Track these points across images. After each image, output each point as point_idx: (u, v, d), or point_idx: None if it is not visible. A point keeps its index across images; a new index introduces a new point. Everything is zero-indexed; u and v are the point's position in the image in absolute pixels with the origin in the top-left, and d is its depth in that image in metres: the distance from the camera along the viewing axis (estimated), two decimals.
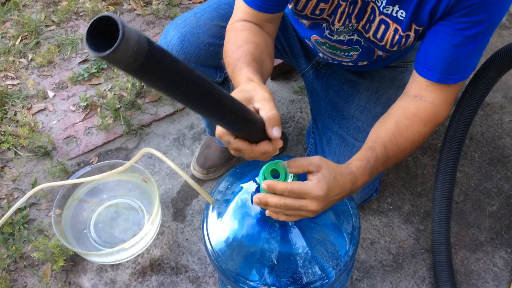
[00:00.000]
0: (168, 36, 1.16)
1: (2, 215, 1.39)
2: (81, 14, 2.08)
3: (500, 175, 1.52)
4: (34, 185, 1.54)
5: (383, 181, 1.51)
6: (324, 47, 1.15)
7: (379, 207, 1.46)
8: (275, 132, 0.72)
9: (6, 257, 1.38)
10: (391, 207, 1.46)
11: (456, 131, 1.21)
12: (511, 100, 1.70)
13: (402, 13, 0.96)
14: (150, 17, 2.06)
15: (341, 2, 0.99)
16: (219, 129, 0.72)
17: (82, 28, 2.03)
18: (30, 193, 1.27)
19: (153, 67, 0.49)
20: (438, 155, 1.56)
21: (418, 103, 0.97)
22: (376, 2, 0.97)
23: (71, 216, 1.40)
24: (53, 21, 2.06)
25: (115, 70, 1.82)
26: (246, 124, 0.69)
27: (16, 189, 1.54)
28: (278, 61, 1.77)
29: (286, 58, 1.36)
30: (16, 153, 1.62)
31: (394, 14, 0.97)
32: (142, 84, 1.77)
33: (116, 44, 0.43)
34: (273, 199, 0.78)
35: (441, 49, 0.93)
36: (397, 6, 0.95)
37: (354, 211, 1.03)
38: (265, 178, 0.80)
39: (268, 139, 0.75)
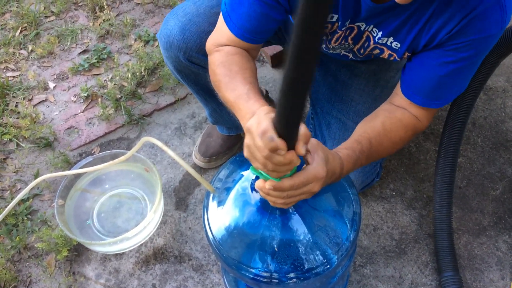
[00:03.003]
0: (169, 26, 1.15)
1: (5, 207, 1.40)
2: (80, 4, 2.07)
3: (503, 159, 1.51)
4: (36, 176, 1.54)
5: (385, 167, 1.50)
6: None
7: (382, 193, 1.46)
8: (303, 148, 0.72)
9: (10, 248, 1.39)
10: (394, 193, 1.46)
11: (457, 116, 1.20)
12: None
13: (396, 44, 0.98)
14: (149, 6, 2.04)
15: (338, 30, 1.01)
16: (268, 124, 0.70)
17: (82, 19, 2.02)
18: (32, 183, 1.28)
19: None
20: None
21: (402, 111, 1.01)
22: (372, 32, 0.99)
23: (74, 207, 1.41)
24: (52, 11, 2.05)
25: (115, 60, 1.82)
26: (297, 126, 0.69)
27: (18, 180, 1.55)
28: (278, 48, 1.76)
29: (285, 43, 1.35)
30: (18, 144, 1.62)
31: (388, 43, 0.99)
32: (143, 73, 1.77)
33: None
34: (275, 193, 0.78)
35: (428, 78, 0.96)
36: (391, 38, 0.97)
37: (355, 197, 1.02)
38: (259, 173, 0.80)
39: None
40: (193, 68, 1.19)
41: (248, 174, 0.99)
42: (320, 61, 1.31)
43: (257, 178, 0.84)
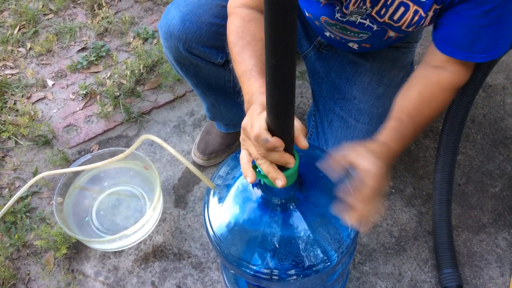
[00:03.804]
0: (170, 16, 1.15)
1: (4, 204, 1.39)
2: (78, 2, 2.06)
3: (502, 156, 1.51)
4: (35, 174, 1.54)
5: None
6: (334, 28, 1.13)
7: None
8: (305, 141, 0.73)
9: (9, 245, 1.39)
10: (393, 190, 1.46)
11: (456, 113, 1.20)
12: None
13: None
14: (148, 4, 2.04)
15: None
16: (260, 126, 0.70)
17: (80, 16, 2.01)
18: (31, 181, 1.27)
19: None
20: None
21: (439, 72, 0.98)
22: None
23: (73, 204, 1.40)
24: (50, 9, 2.04)
25: (114, 58, 1.81)
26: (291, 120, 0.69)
27: (17, 178, 1.54)
28: None
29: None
30: (16, 142, 1.62)
31: None
32: (141, 71, 1.76)
33: None
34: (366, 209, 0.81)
35: (467, 30, 0.92)
36: None
37: None
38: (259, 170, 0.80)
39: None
40: (192, 59, 1.18)
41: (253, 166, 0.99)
42: (324, 57, 1.30)
43: (259, 181, 0.85)
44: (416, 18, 0.98)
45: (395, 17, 1.00)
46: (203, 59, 1.18)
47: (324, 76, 1.28)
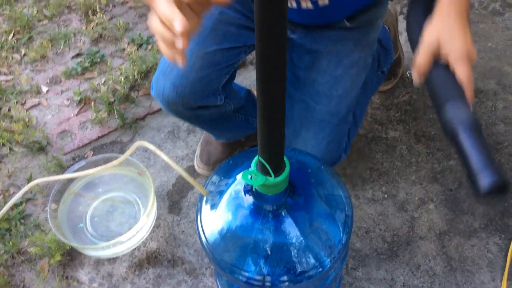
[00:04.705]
0: (160, 86, 1.16)
1: None
2: (73, 8, 2.07)
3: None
4: (29, 180, 1.54)
5: (377, 170, 1.51)
6: None
7: (374, 195, 1.47)
8: None
9: (3, 252, 1.39)
10: (386, 196, 1.47)
11: None
12: (505, 86, 1.70)
13: None
14: (142, 9, 2.05)
15: None
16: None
17: (75, 22, 2.02)
18: (25, 188, 1.27)
19: None
20: (432, 143, 1.57)
21: None
22: None
23: (67, 211, 1.41)
24: (45, 15, 2.05)
25: (108, 64, 1.82)
26: None
27: (11, 184, 1.55)
28: None
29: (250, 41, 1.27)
30: (11, 148, 1.62)
31: None
32: (136, 77, 1.77)
33: None
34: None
35: None
36: None
37: (347, 200, 1.03)
38: (251, 176, 0.81)
39: None
40: (193, 113, 1.21)
41: (241, 177, 1.00)
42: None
43: (247, 185, 0.85)
44: None
45: None
46: (205, 107, 1.20)
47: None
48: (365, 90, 1.34)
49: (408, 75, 1.74)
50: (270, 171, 0.83)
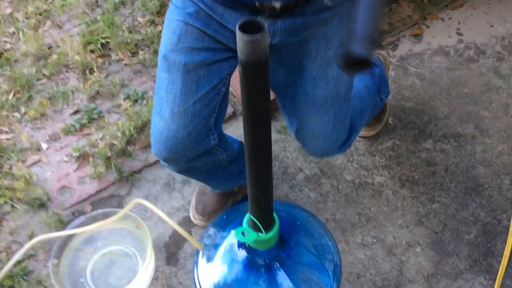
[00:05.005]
0: (155, 147, 1.21)
1: (1, 269, 1.43)
2: (71, 66, 2.17)
3: (475, 203, 1.60)
4: (31, 237, 1.59)
5: (365, 214, 1.58)
6: None
7: (363, 240, 1.53)
8: None
9: None
10: (375, 240, 1.53)
11: None
12: (482, 130, 1.79)
13: None
14: (137, 66, 2.15)
15: None
16: None
17: (72, 80, 2.11)
18: (27, 245, 1.32)
19: None
20: (416, 187, 1.64)
21: None
22: None
23: (68, 266, 1.45)
24: (44, 74, 2.14)
25: (106, 120, 1.90)
26: None
27: (14, 241, 1.60)
28: None
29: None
30: (13, 206, 1.68)
31: None
32: (132, 132, 1.85)
33: None
34: None
35: None
36: None
37: (335, 249, 1.10)
38: (243, 233, 0.88)
39: None
40: (193, 163, 1.25)
41: (234, 232, 1.06)
42: (270, 51, 1.19)
43: (240, 242, 0.92)
44: None
45: None
46: (200, 155, 1.23)
47: (277, 66, 1.21)
48: (366, 110, 1.46)
49: (390, 122, 1.83)
50: (261, 227, 0.90)
